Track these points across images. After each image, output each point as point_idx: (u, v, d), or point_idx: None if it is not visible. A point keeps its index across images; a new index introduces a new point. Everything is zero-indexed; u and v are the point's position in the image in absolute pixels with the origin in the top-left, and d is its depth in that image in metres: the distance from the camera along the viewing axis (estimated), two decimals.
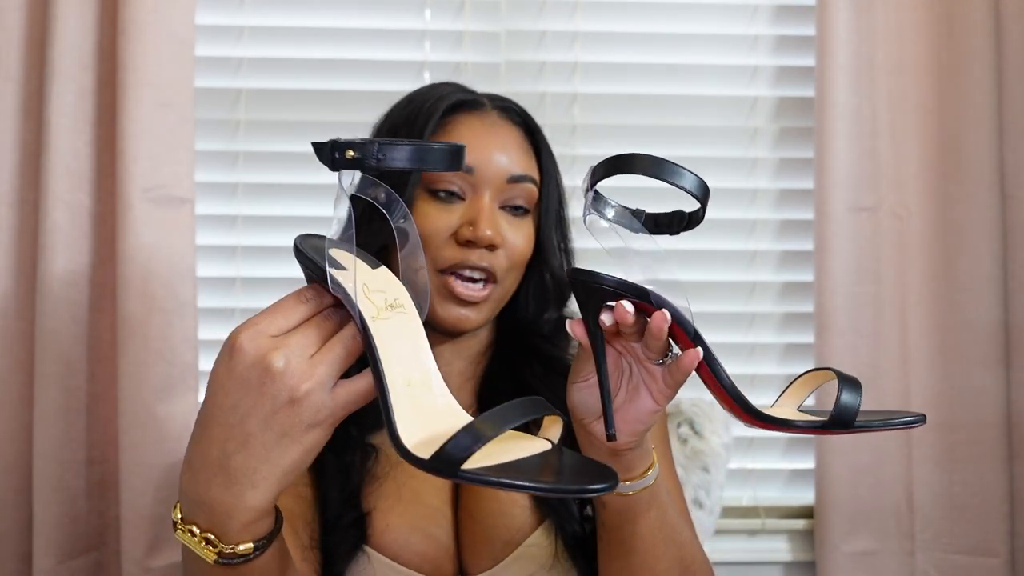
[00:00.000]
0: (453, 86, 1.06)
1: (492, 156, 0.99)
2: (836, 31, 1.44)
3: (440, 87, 1.06)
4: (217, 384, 0.64)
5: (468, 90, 1.06)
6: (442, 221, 0.97)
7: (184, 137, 1.42)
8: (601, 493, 0.57)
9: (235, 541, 0.66)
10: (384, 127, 1.05)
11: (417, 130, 0.99)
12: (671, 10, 1.57)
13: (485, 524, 0.98)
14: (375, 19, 1.55)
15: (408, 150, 0.63)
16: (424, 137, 0.99)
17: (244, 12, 1.54)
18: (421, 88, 1.07)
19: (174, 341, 1.41)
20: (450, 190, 0.98)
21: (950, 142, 1.47)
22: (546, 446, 0.63)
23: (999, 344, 1.46)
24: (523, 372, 1.05)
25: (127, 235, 1.38)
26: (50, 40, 1.38)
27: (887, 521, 1.47)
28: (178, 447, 1.42)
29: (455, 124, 1.01)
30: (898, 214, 1.47)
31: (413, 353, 0.65)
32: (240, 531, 0.66)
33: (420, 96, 1.05)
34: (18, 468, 1.42)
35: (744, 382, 1.58)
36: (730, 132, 1.57)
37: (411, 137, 0.99)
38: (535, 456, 0.61)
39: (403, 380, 0.63)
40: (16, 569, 1.42)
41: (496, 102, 1.05)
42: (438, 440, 0.58)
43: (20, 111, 1.42)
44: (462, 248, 0.97)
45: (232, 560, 0.66)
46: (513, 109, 1.05)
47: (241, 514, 0.65)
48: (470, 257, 0.97)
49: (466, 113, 1.02)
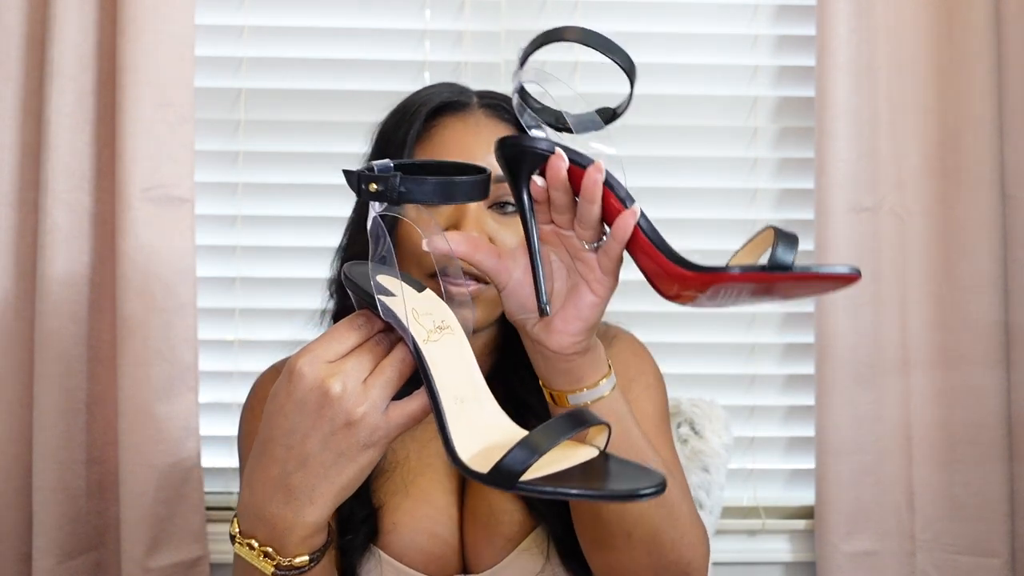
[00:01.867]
0: (444, 87, 1.05)
1: (474, 156, 0.97)
2: (836, 31, 1.44)
3: (430, 89, 1.05)
4: (277, 407, 0.68)
5: (457, 89, 1.04)
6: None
7: (184, 137, 1.42)
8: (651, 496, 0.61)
9: (293, 554, 0.71)
10: (377, 133, 1.05)
11: (401, 136, 0.99)
12: (671, 10, 1.57)
13: (487, 522, 0.98)
14: (375, 19, 1.55)
15: (432, 185, 0.67)
16: (408, 142, 0.98)
17: (244, 12, 1.54)
18: (415, 91, 1.07)
19: (174, 341, 1.41)
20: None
21: (950, 142, 1.47)
22: (593, 453, 0.66)
23: (999, 344, 1.46)
24: (512, 380, 1.03)
25: (127, 235, 1.38)
26: (50, 40, 1.38)
27: (887, 521, 1.47)
28: (178, 447, 1.42)
29: (439, 128, 1.00)
30: (898, 214, 1.47)
31: (463, 371, 0.69)
32: (298, 545, 0.70)
33: (408, 100, 1.04)
34: (18, 468, 1.42)
35: (744, 382, 1.58)
36: (730, 132, 1.57)
37: (396, 143, 0.99)
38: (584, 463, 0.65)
39: (455, 398, 0.68)
40: (16, 569, 1.42)
41: (484, 99, 1.03)
42: (493, 453, 0.63)
43: (20, 111, 1.42)
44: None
45: (289, 572, 0.71)
46: (501, 105, 1.03)
47: (299, 529, 0.69)
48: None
49: (450, 115, 1.00)
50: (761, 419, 1.58)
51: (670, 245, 0.72)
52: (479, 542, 0.98)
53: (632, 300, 1.16)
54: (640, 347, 1.10)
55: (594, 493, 0.62)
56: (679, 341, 1.55)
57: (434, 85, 1.07)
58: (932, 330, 1.48)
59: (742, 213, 1.57)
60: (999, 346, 1.46)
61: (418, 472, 1.00)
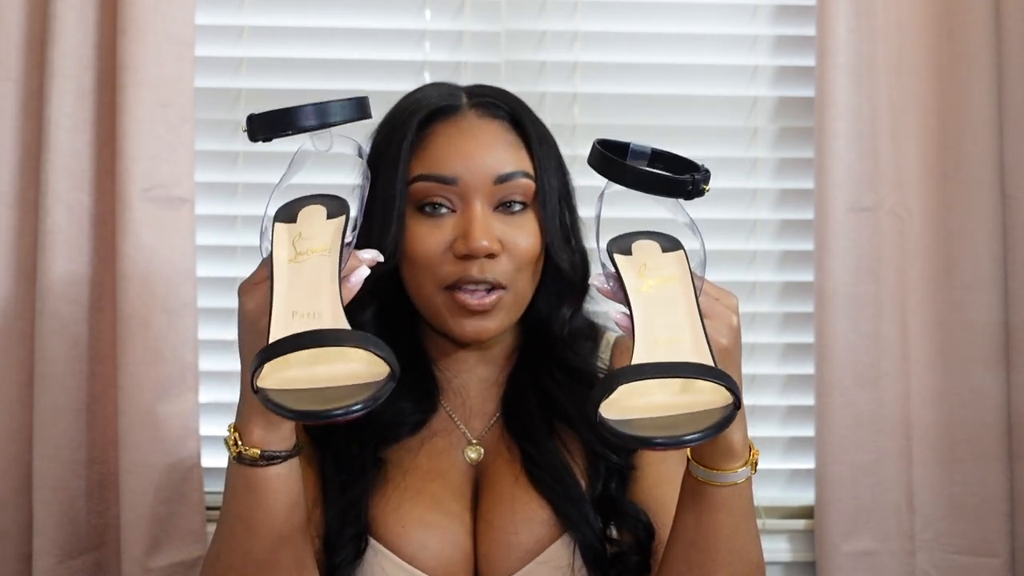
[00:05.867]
0: (431, 90, 1.03)
1: (473, 161, 0.96)
2: (836, 31, 1.44)
3: (417, 95, 1.03)
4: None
5: (446, 92, 1.02)
6: (435, 239, 0.96)
7: (184, 137, 1.42)
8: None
9: (247, 443, 0.83)
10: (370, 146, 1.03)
11: (394, 150, 0.98)
12: (671, 10, 1.57)
13: (504, 531, 0.96)
14: (375, 19, 1.55)
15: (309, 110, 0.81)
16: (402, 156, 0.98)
17: (244, 12, 1.54)
18: (403, 97, 1.05)
19: (174, 341, 1.41)
20: (436, 202, 0.96)
21: (950, 142, 1.47)
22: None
23: (999, 344, 1.46)
24: (545, 381, 1.03)
25: (127, 235, 1.38)
26: (50, 40, 1.38)
27: (887, 521, 1.47)
28: (178, 447, 1.42)
29: (432, 136, 0.98)
30: (898, 214, 1.47)
31: (313, 292, 0.76)
32: (250, 436, 0.83)
33: (397, 109, 1.03)
34: (18, 468, 1.42)
35: (744, 383, 1.57)
36: (730, 132, 1.57)
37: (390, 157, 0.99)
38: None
39: (291, 311, 0.75)
40: (16, 569, 1.42)
41: (474, 99, 1.01)
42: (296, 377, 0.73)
43: (20, 111, 1.42)
44: (461, 262, 0.95)
45: (243, 461, 0.84)
46: (494, 103, 1.01)
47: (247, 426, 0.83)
48: (470, 271, 0.95)
49: (442, 121, 0.99)
50: (761, 419, 1.58)
51: None
52: (493, 553, 0.96)
53: None
54: None
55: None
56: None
57: (421, 89, 1.06)
58: (932, 330, 1.48)
59: (742, 213, 1.57)
60: (999, 346, 1.46)
61: (430, 479, 0.99)
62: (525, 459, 0.99)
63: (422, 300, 0.99)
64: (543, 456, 0.98)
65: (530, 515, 0.97)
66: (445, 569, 0.95)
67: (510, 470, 0.99)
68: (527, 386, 1.03)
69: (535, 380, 1.03)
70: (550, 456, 0.99)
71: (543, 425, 1.01)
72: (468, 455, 1.02)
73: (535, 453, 0.99)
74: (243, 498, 0.85)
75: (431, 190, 0.96)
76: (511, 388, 1.04)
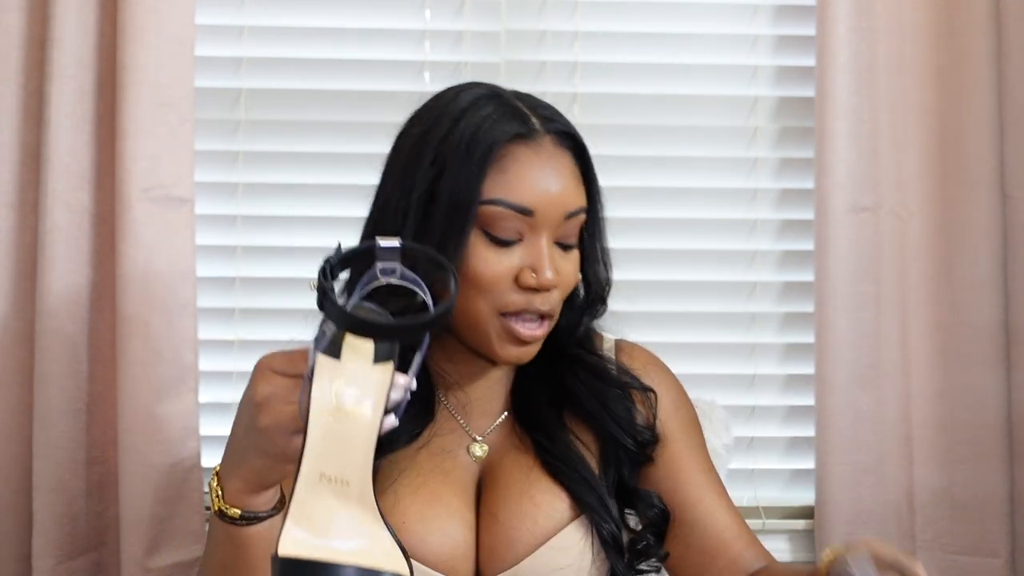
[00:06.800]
0: (499, 110, 0.97)
1: (550, 195, 0.95)
2: (836, 31, 1.44)
3: (485, 112, 0.97)
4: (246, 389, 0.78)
5: (520, 114, 0.98)
6: (502, 266, 0.95)
7: (184, 137, 1.42)
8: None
9: (229, 503, 0.82)
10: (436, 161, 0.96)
11: (475, 174, 0.93)
12: (671, 10, 1.57)
13: (508, 525, 0.98)
14: (375, 19, 1.55)
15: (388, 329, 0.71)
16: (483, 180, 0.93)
17: (244, 12, 1.54)
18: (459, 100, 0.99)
19: (174, 341, 1.41)
20: (510, 238, 0.95)
21: (951, 142, 1.47)
22: None
23: (1000, 344, 1.46)
24: (565, 376, 1.04)
25: (127, 235, 1.38)
26: (50, 40, 1.38)
27: (887, 521, 1.47)
28: (178, 447, 1.42)
29: (511, 159, 0.95)
30: (898, 214, 1.47)
31: (349, 457, 0.70)
32: (232, 496, 0.81)
33: (468, 129, 0.96)
34: (18, 468, 1.41)
35: (744, 383, 1.58)
36: (730, 132, 1.57)
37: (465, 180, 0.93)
38: None
39: (320, 474, 0.69)
40: (16, 569, 1.42)
41: (547, 124, 0.98)
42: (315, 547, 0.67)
43: (20, 111, 1.42)
44: (524, 293, 0.95)
45: (223, 518, 0.82)
46: (565, 131, 0.99)
47: (229, 485, 0.81)
48: (534, 303, 0.96)
49: (521, 144, 0.96)
50: (761, 419, 1.58)
51: None
52: (496, 546, 0.98)
53: (632, 300, 1.16)
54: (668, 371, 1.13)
55: None
56: (679, 341, 1.55)
57: (486, 102, 0.98)
58: (932, 330, 1.48)
59: (742, 213, 1.57)
60: (999, 346, 1.46)
61: (431, 476, 1.00)
62: (539, 450, 1.01)
63: (468, 319, 0.97)
64: (557, 446, 1.01)
65: (545, 503, 0.99)
66: (446, 563, 0.97)
67: (522, 463, 1.01)
68: (536, 383, 1.05)
69: (545, 377, 1.05)
70: (564, 446, 1.01)
71: (555, 419, 1.03)
72: (473, 452, 1.03)
73: (549, 444, 1.01)
74: (224, 549, 0.85)
75: (506, 218, 0.94)
76: (520, 385, 1.06)
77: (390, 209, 0.98)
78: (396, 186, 0.99)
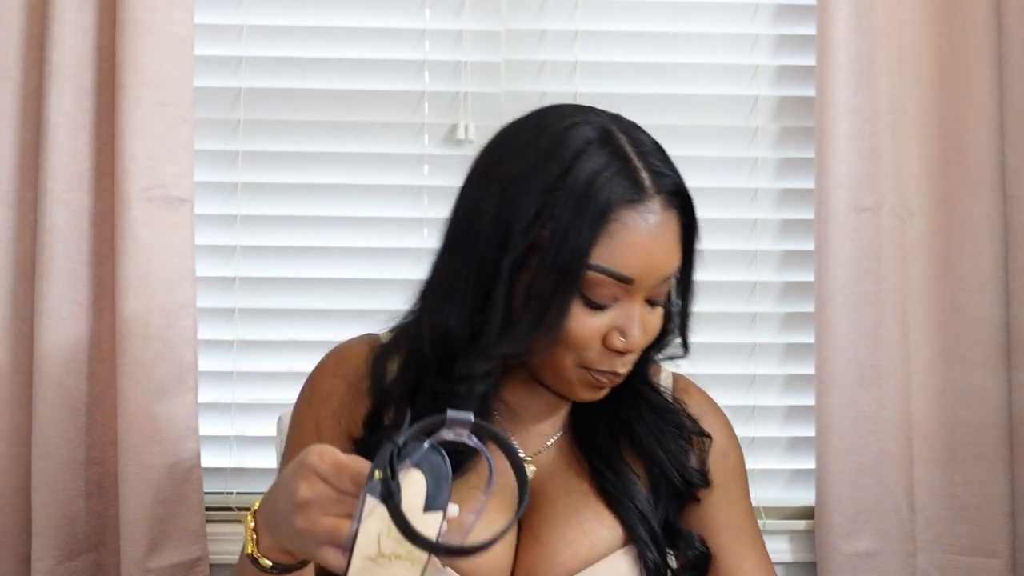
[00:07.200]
0: (607, 151, 0.91)
1: (652, 263, 0.91)
2: (836, 31, 1.44)
3: (594, 151, 0.91)
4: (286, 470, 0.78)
5: (625, 157, 0.92)
6: (593, 328, 0.91)
7: (184, 137, 1.42)
8: None
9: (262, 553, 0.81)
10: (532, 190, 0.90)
11: (587, 227, 0.88)
12: (671, 10, 1.57)
13: (551, 547, 0.96)
14: (375, 18, 1.55)
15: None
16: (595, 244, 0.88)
17: (244, 11, 1.54)
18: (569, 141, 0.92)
19: (174, 341, 1.41)
20: (606, 303, 0.91)
21: (951, 142, 1.47)
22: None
23: (1000, 344, 1.46)
24: (628, 412, 1.02)
25: (126, 235, 1.38)
26: (49, 40, 1.38)
27: (888, 522, 1.47)
28: (178, 447, 1.42)
29: (619, 224, 0.89)
30: (899, 214, 1.47)
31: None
32: (267, 549, 0.81)
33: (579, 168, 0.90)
34: (17, 468, 1.41)
35: (744, 383, 1.58)
36: (730, 132, 1.57)
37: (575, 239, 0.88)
38: None
39: None
40: (16, 569, 1.42)
41: (658, 180, 0.92)
42: None
43: (19, 111, 1.42)
44: (609, 353, 0.92)
45: (256, 565, 0.81)
46: (677, 191, 0.94)
47: (264, 541, 0.81)
48: (615, 363, 0.93)
49: (631, 210, 0.89)
50: (761, 419, 1.58)
51: None
52: (535, 566, 0.96)
53: None
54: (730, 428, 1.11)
55: None
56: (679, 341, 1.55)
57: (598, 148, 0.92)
58: (932, 330, 1.48)
59: (742, 213, 1.57)
60: (999, 346, 1.46)
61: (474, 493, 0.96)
62: (596, 476, 1.00)
63: (550, 366, 0.95)
64: (618, 476, 0.99)
65: (592, 530, 0.97)
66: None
67: (574, 487, 1.00)
68: (597, 411, 1.02)
69: (613, 407, 1.01)
70: (625, 477, 1.00)
71: (613, 447, 1.02)
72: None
73: (609, 472, 1.00)
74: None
75: (605, 284, 0.90)
76: (579, 411, 1.03)
77: (475, 258, 0.92)
78: (489, 228, 0.91)
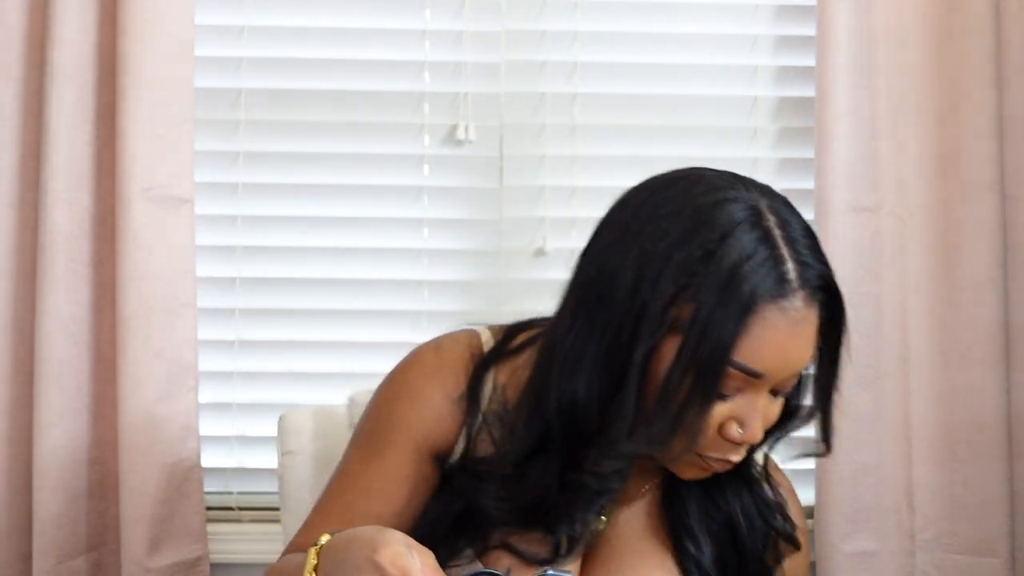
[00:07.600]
0: (756, 235, 0.86)
1: (788, 361, 0.87)
2: (836, 31, 1.44)
3: (742, 234, 0.85)
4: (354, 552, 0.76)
5: (774, 244, 0.86)
6: (712, 417, 0.87)
7: (184, 137, 1.42)
8: None
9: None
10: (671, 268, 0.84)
11: (732, 321, 0.82)
12: (671, 10, 1.57)
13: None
14: (375, 19, 1.55)
15: None
16: (736, 338, 0.82)
17: (244, 12, 1.54)
18: (717, 216, 0.86)
19: (174, 341, 1.41)
20: (730, 394, 0.87)
21: (950, 142, 1.47)
22: None
23: (999, 344, 1.46)
24: (724, 486, 0.98)
25: (126, 235, 1.38)
26: (50, 40, 1.38)
27: (887, 521, 1.47)
28: (178, 447, 1.42)
29: (759, 319, 0.83)
30: (898, 214, 1.47)
31: None
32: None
33: (725, 252, 0.84)
34: (18, 468, 1.41)
35: None
36: (730, 132, 1.57)
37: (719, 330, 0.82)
38: None
39: None
40: (16, 569, 1.42)
41: (804, 272, 0.87)
42: None
43: (20, 111, 1.42)
44: (724, 442, 0.88)
45: None
46: (820, 285, 0.88)
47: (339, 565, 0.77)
48: (729, 454, 0.89)
49: (773, 306, 0.84)
50: None
51: None
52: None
53: None
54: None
55: None
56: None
57: (747, 231, 0.86)
58: (932, 330, 1.48)
59: None
60: (999, 346, 1.46)
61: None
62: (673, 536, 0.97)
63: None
64: (700, 551, 0.97)
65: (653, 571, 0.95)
66: None
67: (648, 548, 0.97)
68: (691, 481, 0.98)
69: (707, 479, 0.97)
70: (699, 545, 0.97)
71: (700, 517, 0.98)
72: (593, 524, 0.96)
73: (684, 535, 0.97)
74: None
75: (734, 378, 0.85)
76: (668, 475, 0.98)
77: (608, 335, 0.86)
78: (624, 302, 0.85)
